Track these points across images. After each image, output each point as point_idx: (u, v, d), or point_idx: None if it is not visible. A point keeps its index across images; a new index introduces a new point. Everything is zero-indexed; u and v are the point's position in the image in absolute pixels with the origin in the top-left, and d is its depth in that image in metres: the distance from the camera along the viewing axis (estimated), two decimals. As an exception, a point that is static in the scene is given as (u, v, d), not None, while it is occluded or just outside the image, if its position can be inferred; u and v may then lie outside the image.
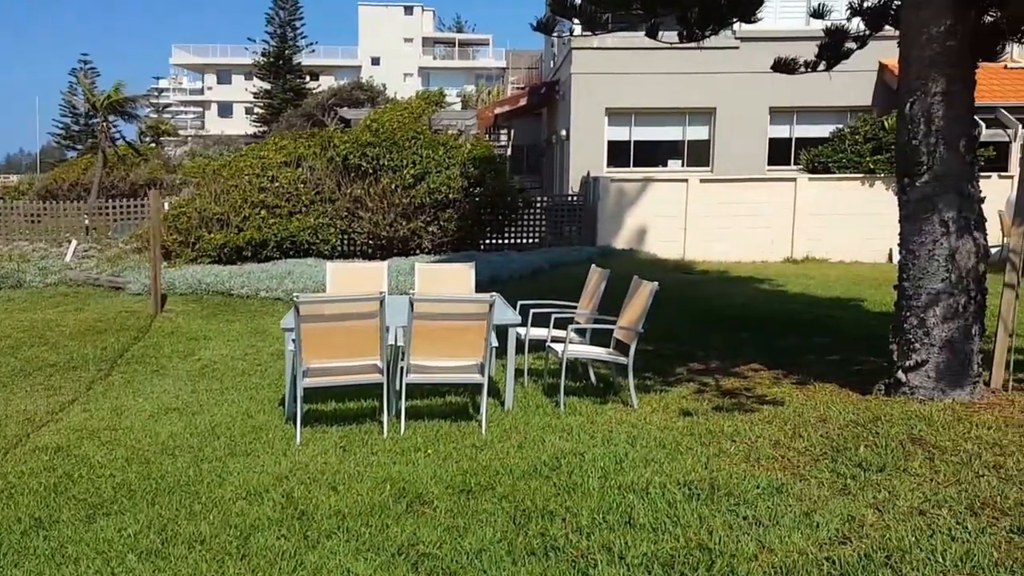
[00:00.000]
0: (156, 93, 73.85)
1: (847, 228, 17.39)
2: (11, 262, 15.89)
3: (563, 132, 21.37)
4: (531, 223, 18.25)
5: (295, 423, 6.25)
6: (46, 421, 6.93)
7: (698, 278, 14.67)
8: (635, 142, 20.77)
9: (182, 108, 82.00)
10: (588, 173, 19.07)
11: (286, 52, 59.74)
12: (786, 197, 17.65)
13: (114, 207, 19.12)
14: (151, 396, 7.68)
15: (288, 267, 14.20)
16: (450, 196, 15.88)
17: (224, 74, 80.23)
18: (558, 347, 7.24)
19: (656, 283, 6.80)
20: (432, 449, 5.80)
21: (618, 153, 20.70)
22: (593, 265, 8.46)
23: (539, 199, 18.69)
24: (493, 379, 7.47)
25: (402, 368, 6.48)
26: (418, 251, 16.17)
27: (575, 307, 8.20)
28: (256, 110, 62.07)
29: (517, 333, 7.45)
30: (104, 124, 27.23)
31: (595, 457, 5.43)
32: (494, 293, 6.87)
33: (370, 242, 16.17)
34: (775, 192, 17.71)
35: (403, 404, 6.39)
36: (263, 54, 59.60)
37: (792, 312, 11.10)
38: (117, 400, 7.59)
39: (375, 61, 77.94)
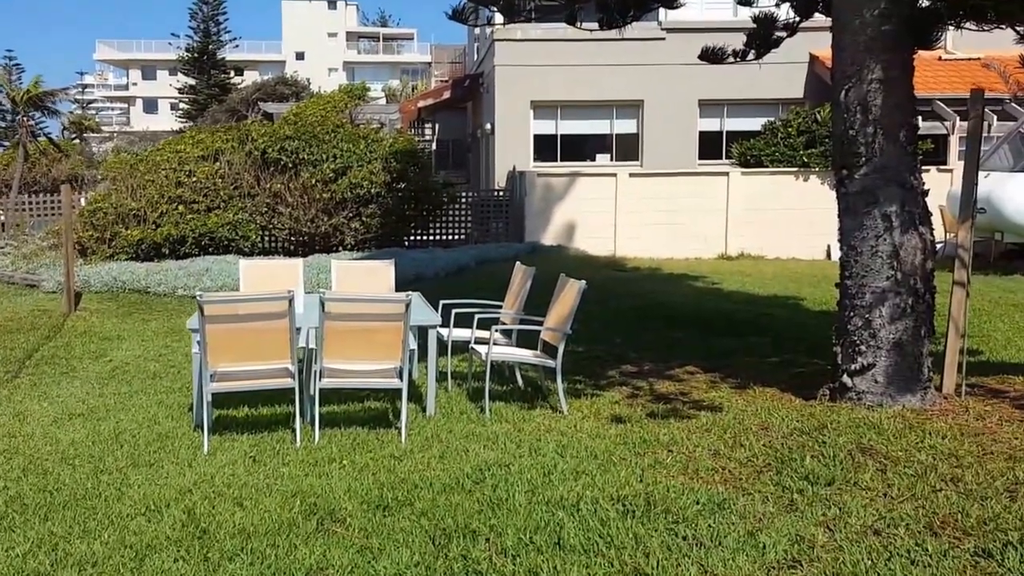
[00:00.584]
0: (80, 89, 71.14)
1: (782, 224, 17.24)
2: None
3: (488, 126, 21.00)
4: (457, 219, 17.85)
5: (203, 430, 5.78)
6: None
7: (630, 275, 14.43)
8: (562, 136, 20.49)
9: (107, 104, 79.35)
10: (514, 168, 18.75)
11: (210, 47, 58.34)
12: (719, 192, 17.54)
13: (31, 203, 18.10)
14: (56, 400, 7.15)
15: (206, 264, 13.54)
16: (372, 191, 15.36)
17: (149, 70, 78.07)
18: (482, 349, 6.86)
19: (584, 281, 6.46)
20: (348, 460, 5.37)
21: (545, 147, 20.39)
22: (518, 263, 8.10)
23: (465, 194, 18.29)
24: (415, 383, 7.06)
25: (316, 372, 6.04)
26: (340, 248, 15.63)
27: (500, 307, 7.84)
28: (181, 106, 60.49)
29: (439, 334, 7.05)
30: (24, 119, 26.03)
31: (522, 469, 5.06)
32: (412, 292, 6.47)
33: (291, 239, 15.56)
34: (707, 187, 17.60)
35: (317, 410, 5.94)
36: (187, 49, 58.12)
37: (728, 311, 10.83)
38: (21, 404, 7.07)
39: (299, 56, 76.53)
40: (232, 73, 60.37)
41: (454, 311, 7.58)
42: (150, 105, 77.34)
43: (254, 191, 15.20)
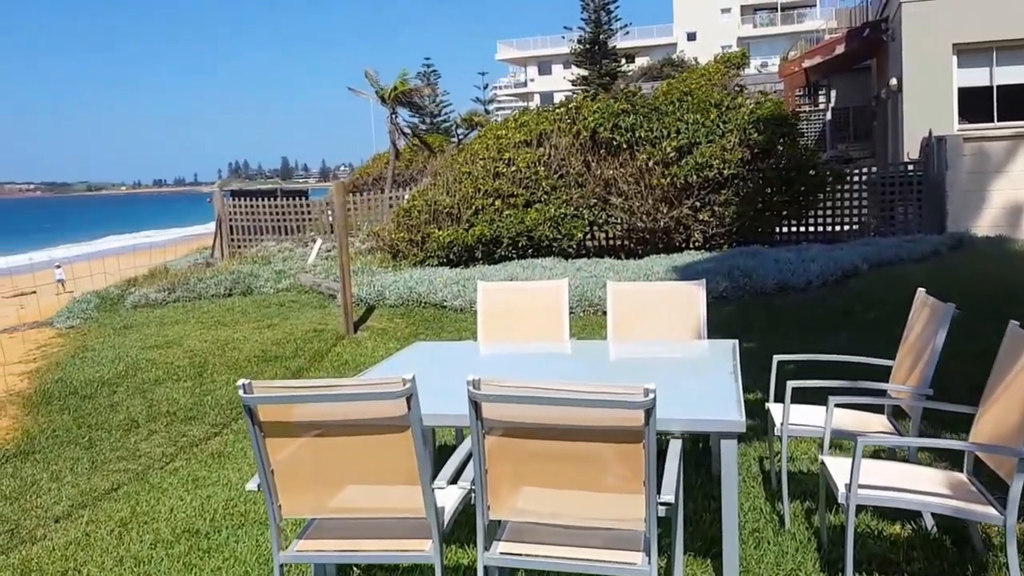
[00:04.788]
0: (483, 88, 75.67)
1: None
2: (254, 264, 14.59)
3: (893, 82, 16.25)
4: (846, 204, 13.64)
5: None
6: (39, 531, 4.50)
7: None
8: (998, 88, 15.13)
9: (507, 101, 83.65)
10: (930, 133, 13.96)
11: (601, 37, 57.94)
12: None
13: (355, 202, 17.38)
14: (197, 499, 5.02)
15: (513, 271, 11.21)
16: (726, 172, 11.90)
17: (544, 65, 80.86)
18: (837, 473, 3.41)
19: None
20: None
21: (974, 104, 15.17)
22: (920, 293, 4.36)
23: (856, 172, 13.93)
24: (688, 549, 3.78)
25: (480, 532, 3.09)
26: (686, 246, 12.42)
27: (889, 364, 4.27)
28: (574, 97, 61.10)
29: (772, 422, 3.69)
30: (392, 116, 26.43)
31: None
32: (724, 342, 3.18)
33: (625, 236, 12.73)
34: None
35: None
36: (579, 41, 58.30)
37: None
38: (171, 490, 5.17)
39: (691, 37, 73.84)
40: (623, 61, 59.58)
41: (791, 382, 4.16)
42: (546, 99, 79.79)
43: (582, 179, 12.57)
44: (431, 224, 12.70)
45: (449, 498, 3.32)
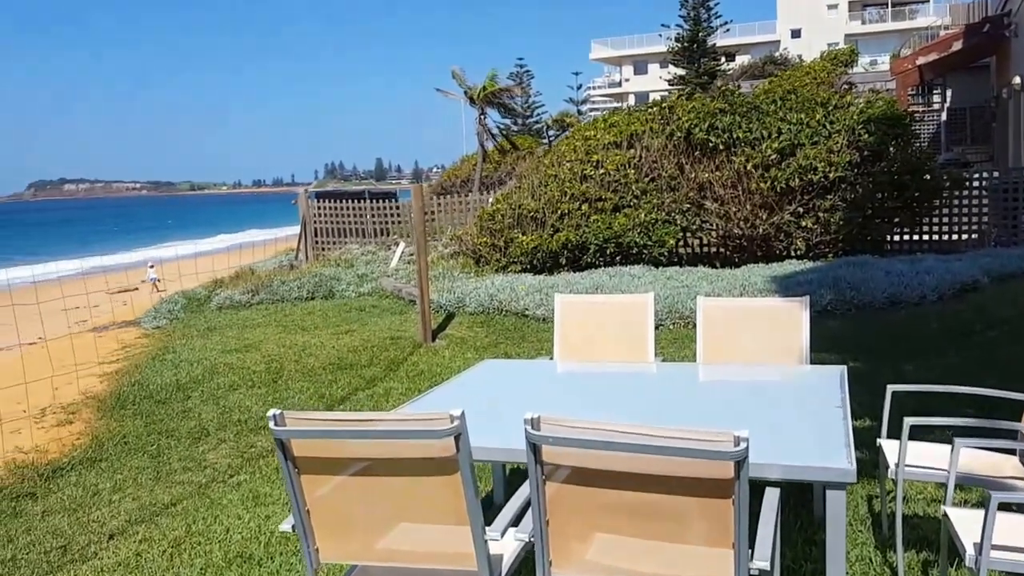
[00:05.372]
0: (576, 88, 75.16)
1: None
2: (337, 267, 14.51)
3: (1016, 81, 15.07)
4: (965, 212, 12.65)
5: None
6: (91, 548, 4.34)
7: None
8: None
9: (601, 102, 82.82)
10: (1061, 134, 12.87)
11: (699, 35, 56.61)
12: None
13: (439, 204, 17.12)
14: (255, 519, 4.74)
15: (599, 279, 10.73)
16: (832, 176, 11.13)
17: (640, 64, 79.70)
18: (963, 531, 2.88)
19: None
20: None
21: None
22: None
23: (976, 177, 12.91)
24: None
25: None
26: (788, 255, 11.70)
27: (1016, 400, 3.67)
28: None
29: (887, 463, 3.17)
30: (481, 117, 26.22)
31: None
32: (831, 369, 2.68)
33: (721, 243, 12.09)
34: None
35: None
36: (676, 39, 57.09)
37: None
38: (230, 508, 4.93)
39: (795, 34, 71.48)
40: (723, 59, 58.07)
41: (909, 419, 3.62)
42: (641, 99, 78.59)
43: (675, 182, 11.98)
44: (515, 229, 12.32)
45: (506, 548, 2.91)
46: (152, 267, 18.53)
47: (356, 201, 17.40)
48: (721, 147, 11.79)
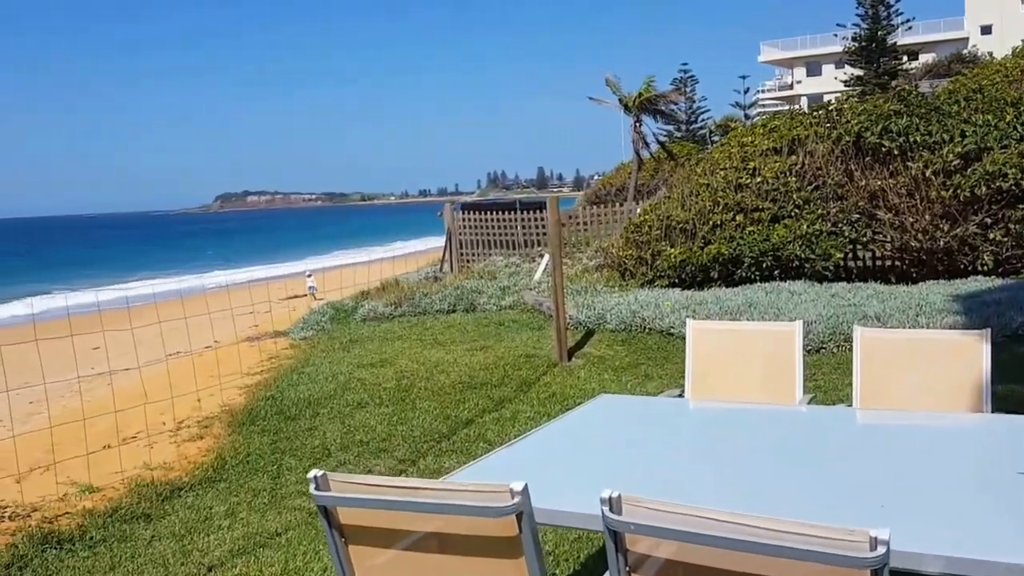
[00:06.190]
0: (743, 92, 72.68)
1: None
2: (480, 279, 14.33)
3: None
4: None
5: None
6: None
7: None
8: None
9: (771, 105, 79.86)
10: None
11: (879, 33, 53.45)
12: None
13: (592, 214, 16.60)
14: None
15: (753, 296, 9.92)
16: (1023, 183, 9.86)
17: (813, 66, 76.36)
18: None
19: None
20: None
21: None
22: None
23: None
24: None
25: None
26: (973, 270, 10.46)
27: None
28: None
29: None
30: (636, 124, 25.56)
31: None
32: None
33: (895, 256, 10.97)
34: None
35: None
36: (853, 39, 54.14)
37: None
38: (323, 550, 4.53)
39: (985, 30, 66.34)
40: (905, 58, 54.60)
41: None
42: (814, 102, 75.20)
43: (842, 190, 10.98)
44: (662, 241, 11.66)
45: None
46: (310, 276, 19.02)
47: (507, 212, 17.18)
48: (896, 152, 10.70)
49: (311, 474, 2.32)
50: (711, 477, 2.92)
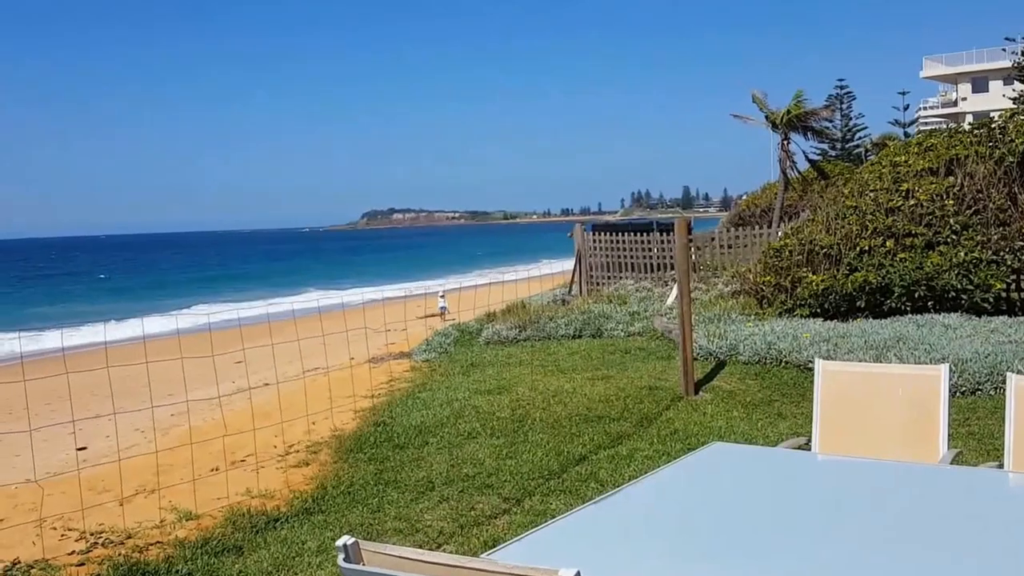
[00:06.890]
0: (903, 109, 69.07)
1: None
2: (608, 303, 13.92)
3: None
4: None
5: None
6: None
7: None
8: None
9: (933, 123, 75.55)
10: None
11: (1051, 44, 49.74)
12: None
13: (730, 237, 15.84)
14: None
15: (902, 329, 9.07)
16: None
17: (979, 82, 71.79)
18: None
19: None
20: None
21: None
22: None
23: None
24: None
25: None
26: None
27: None
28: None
29: None
30: (784, 142, 24.49)
31: None
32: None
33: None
34: None
35: None
36: (1023, 53, 50.57)
37: None
38: None
39: None
40: (1082, 73, 50.51)
41: None
42: (980, 119, 70.71)
43: (1005, 215, 9.95)
44: (803, 267, 10.90)
45: None
46: (443, 296, 19.01)
47: (642, 234, 16.68)
48: (1069, 172, 9.61)
49: (340, 542, 2.04)
50: (824, 551, 2.45)
